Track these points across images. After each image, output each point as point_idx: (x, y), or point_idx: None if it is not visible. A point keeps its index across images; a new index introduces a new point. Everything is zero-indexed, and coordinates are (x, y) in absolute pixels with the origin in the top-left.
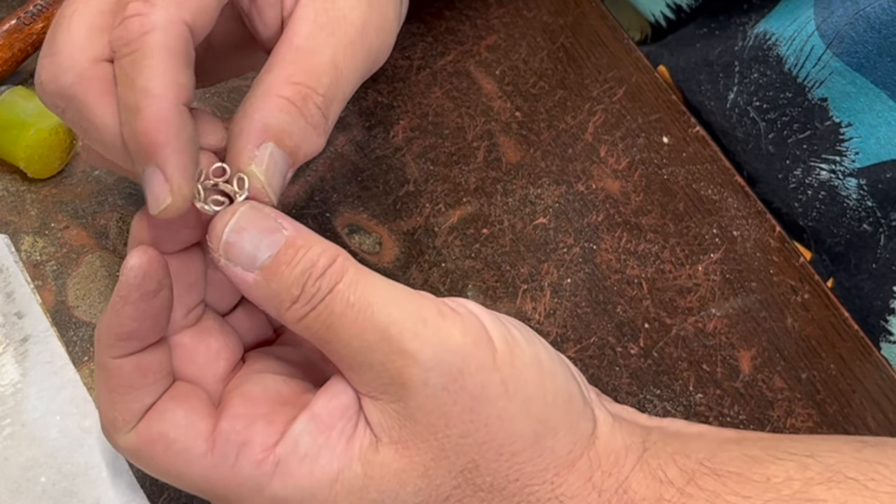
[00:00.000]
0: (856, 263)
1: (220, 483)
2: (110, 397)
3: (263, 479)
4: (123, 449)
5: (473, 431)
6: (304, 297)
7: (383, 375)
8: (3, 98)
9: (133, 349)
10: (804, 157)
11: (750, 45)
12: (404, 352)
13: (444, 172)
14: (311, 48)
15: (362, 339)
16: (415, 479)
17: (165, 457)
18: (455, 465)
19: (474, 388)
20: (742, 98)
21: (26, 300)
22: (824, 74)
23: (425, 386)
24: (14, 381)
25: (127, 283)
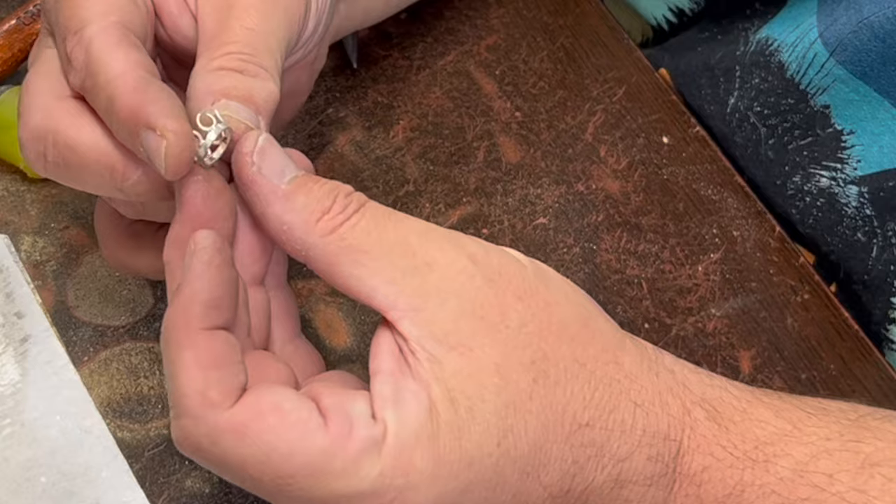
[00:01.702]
0: (847, 272)
1: (338, 454)
2: (204, 373)
3: (379, 439)
4: (222, 427)
5: (529, 320)
6: (336, 208)
7: (426, 278)
8: (3, 98)
9: (222, 321)
10: (804, 163)
11: (752, 51)
12: (448, 249)
13: (444, 172)
14: (220, 27)
15: (402, 244)
16: (490, 377)
17: (279, 430)
18: (524, 358)
19: (514, 279)
20: (742, 103)
21: (26, 300)
22: (827, 82)
23: (472, 279)
24: (14, 381)
25: (206, 248)
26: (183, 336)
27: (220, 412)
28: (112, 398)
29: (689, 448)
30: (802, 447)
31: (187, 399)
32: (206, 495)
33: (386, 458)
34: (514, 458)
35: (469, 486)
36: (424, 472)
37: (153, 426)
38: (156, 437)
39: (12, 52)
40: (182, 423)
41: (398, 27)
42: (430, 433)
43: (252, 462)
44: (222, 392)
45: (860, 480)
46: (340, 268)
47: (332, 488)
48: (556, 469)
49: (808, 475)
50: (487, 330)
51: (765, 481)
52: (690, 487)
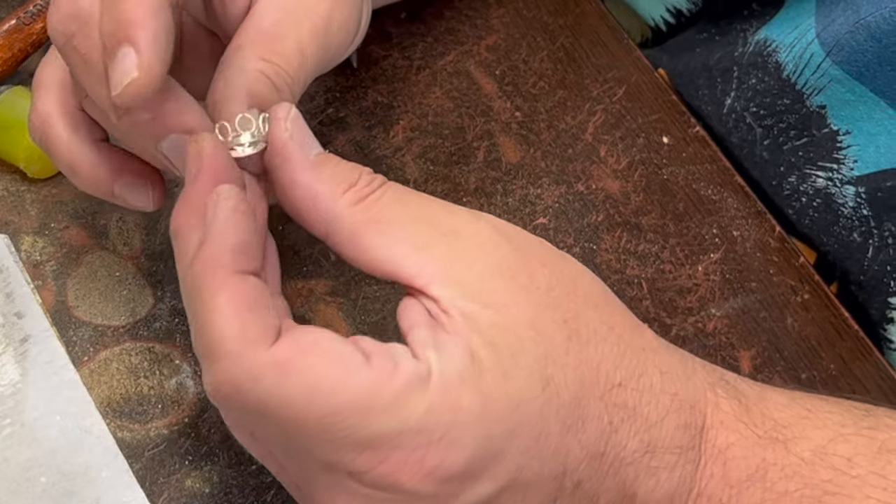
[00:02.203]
0: (843, 273)
1: (385, 389)
2: (241, 315)
3: (425, 376)
4: (263, 364)
5: (556, 285)
6: (361, 182)
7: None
8: (3, 98)
9: (251, 267)
10: (800, 164)
11: (750, 52)
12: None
13: (444, 172)
14: (278, 33)
15: (426, 215)
16: (526, 331)
17: (323, 366)
18: (556, 317)
19: (537, 249)
20: (739, 104)
21: (26, 300)
22: (823, 82)
23: (498, 245)
24: (14, 381)
25: (231, 196)
26: (214, 281)
27: (260, 350)
28: (112, 398)
29: (714, 423)
30: (819, 431)
31: (226, 341)
32: (206, 495)
33: (433, 394)
34: (556, 407)
35: (515, 430)
36: (472, 412)
37: (153, 426)
38: (156, 437)
39: (12, 52)
40: (219, 366)
41: (398, 27)
42: (473, 374)
43: (297, 400)
44: (261, 331)
45: (878, 465)
46: (365, 238)
47: (379, 426)
48: (593, 428)
49: (827, 457)
50: (518, 290)
51: (787, 462)
52: (716, 466)
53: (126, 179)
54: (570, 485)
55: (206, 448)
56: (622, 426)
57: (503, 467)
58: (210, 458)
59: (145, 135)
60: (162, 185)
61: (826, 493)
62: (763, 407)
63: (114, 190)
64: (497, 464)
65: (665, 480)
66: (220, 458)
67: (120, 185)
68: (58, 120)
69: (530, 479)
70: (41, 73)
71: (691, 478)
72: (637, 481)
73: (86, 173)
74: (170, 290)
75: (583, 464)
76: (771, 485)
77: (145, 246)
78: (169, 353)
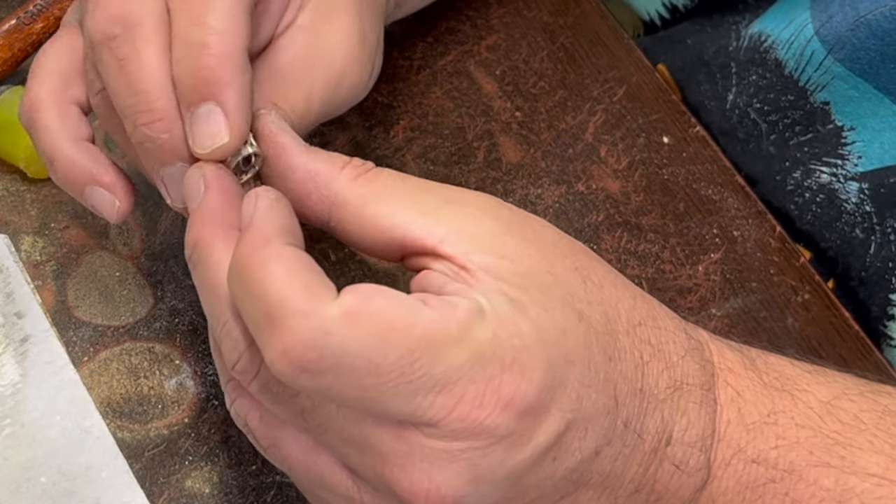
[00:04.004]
0: (844, 269)
1: (450, 321)
2: (301, 276)
3: (482, 311)
4: (333, 315)
5: (558, 240)
6: (356, 160)
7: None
8: (3, 98)
9: (300, 244)
10: (804, 159)
11: (745, 46)
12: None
13: (444, 172)
14: (291, 76)
15: (426, 187)
16: (545, 275)
17: (388, 311)
18: (567, 264)
19: (532, 217)
20: (742, 99)
21: (26, 300)
22: (826, 79)
23: (499, 209)
24: (14, 381)
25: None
26: (267, 253)
27: (326, 303)
28: (112, 398)
29: (722, 370)
30: (824, 387)
31: (288, 300)
32: (206, 495)
33: (493, 322)
34: (595, 336)
35: (569, 356)
36: (531, 335)
37: (153, 426)
38: (156, 437)
39: (12, 52)
40: (287, 327)
41: (398, 27)
42: (518, 308)
43: (371, 345)
44: (323, 288)
45: (885, 425)
46: (370, 207)
47: (453, 358)
48: (629, 361)
49: (835, 411)
50: (528, 243)
51: (796, 411)
52: (731, 411)
53: (97, 185)
54: (621, 423)
55: (206, 448)
56: (651, 362)
57: (567, 397)
58: (210, 458)
59: (154, 153)
60: (129, 201)
61: (837, 444)
62: (766, 360)
63: (84, 192)
64: (562, 393)
65: (695, 419)
66: (220, 458)
67: (90, 190)
68: (48, 108)
69: (589, 412)
70: (40, 59)
71: (713, 422)
72: (672, 420)
73: (62, 168)
74: (170, 290)
75: (628, 398)
76: (783, 431)
77: (145, 246)
78: (169, 353)
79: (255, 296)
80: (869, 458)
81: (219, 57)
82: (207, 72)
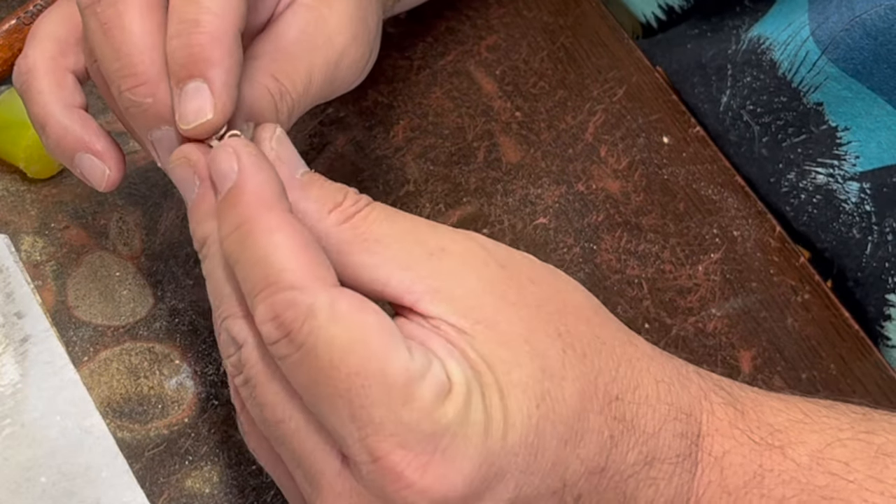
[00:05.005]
0: (840, 269)
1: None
2: (305, 253)
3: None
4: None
5: (546, 301)
6: (347, 202)
7: (441, 262)
8: (3, 98)
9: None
10: (798, 160)
11: (743, 49)
12: (458, 238)
13: (444, 172)
14: (293, 54)
15: (413, 233)
16: (521, 346)
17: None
18: (549, 330)
19: (524, 267)
20: (735, 102)
21: (26, 300)
22: (819, 80)
23: (486, 263)
24: (14, 381)
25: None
26: (272, 221)
27: (323, 287)
28: (112, 398)
29: (710, 430)
30: (816, 435)
31: (290, 274)
32: (206, 495)
33: (448, 405)
34: (553, 422)
35: (513, 447)
36: (478, 425)
37: (153, 426)
38: (156, 437)
39: (12, 52)
40: (283, 295)
41: (398, 27)
42: (476, 393)
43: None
44: (324, 270)
45: (876, 469)
46: (352, 256)
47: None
48: (593, 442)
49: (825, 462)
50: (509, 307)
51: (784, 468)
52: (713, 474)
53: (88, 152)
54: (571, 499)
55: (206, 448)
56: (622, 439)
57: (503, 486)
58: (210, 458)
59: (139, 118)
60: (119, 169)
61: (823, 499)
62: (759, 412)
63: (74, 159)
64: (498, 482)
65: (664, 489)
66: (220, 458)
67: (80, 157)
68: (43, 75)
69: (530, 495)
70: (39, 25)
71: (688, 486)
72: (637, 492)
73: (53, 134)
74: (170, 290)
75: (582, 479)
76: (768, 491)
77: (145, 246)
78: (169, 353)
79: (255, 261)
80: None
81: (210, 35)
82: (198, 49)
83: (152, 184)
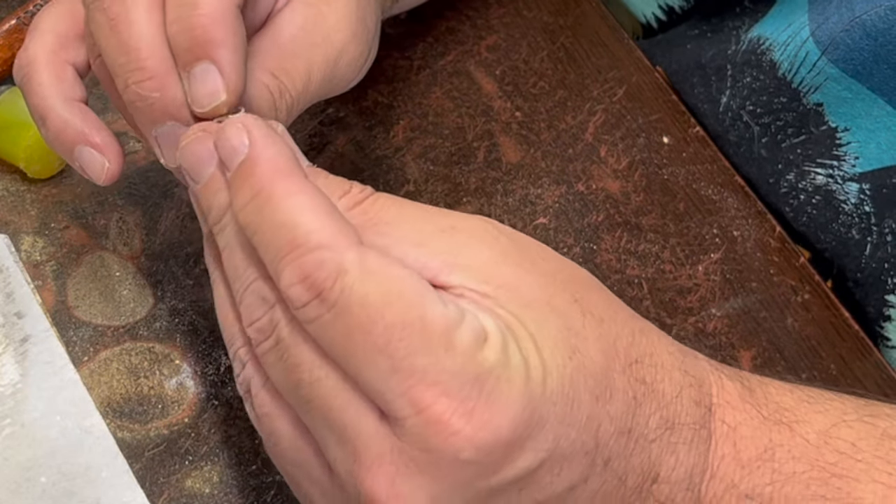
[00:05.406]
0: (840, 270)
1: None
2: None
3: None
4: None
5: (558, 271)
6: (355, 189)
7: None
8: (3, 98)
9: None
10: (798, 161)
11: (743, 50)
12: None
13: (444, 172)
14: (292, 51)
15: (422, 214)
16: (544, 307)
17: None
18: (566, 296)
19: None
20: (735, 102)
21: (26, 300)
22: (819, 80)
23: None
24: (14, 381)
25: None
26: (291, 185)
27: (351, 245)
28: (112, 398)
29: (720, 402)
30: (822, 416)
31: (316, 234)
32: (206, 495)
33: (487, 348)
34: (585, 376)
35: (551, 395)
36: (518, 369)
37: (153, 426)
38: (156, 437)
39: (12, 52)
40: (313, 255)
41: (398, 27)
42: (511, 340)
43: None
44: (349, 230)
45: (882, 451)
46: (365, 239)
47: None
48: (620, 401)
49: (832, 441)
50: (526, 274)
51: (793, 443)
52: (726, 446)
53: (88, 144)
54: (601, 461)
55: (206, 448)
56: (644, 401)
57: (543, 436)
58: (210, 458)
59: (146, 112)
60: (118, 162)
61: (833, 476)
62: (765, 391)
63: (73, 151)
64: (538, 431)
65: (684, 457)
66: (220, 458)
67: (80, 149)
68: (43, 68)
69: (566, 451)
70: (40, 18)
71: (704, 458)
72: (660, 459)
73: (53, 128)
74: (170, 290)
75: (612, 439)
76: (779, 465)
77: (145, 246)
78: (169, 353)
79: (278, 225)
80: (865, 487)
81: (211, 16)
82: (200, 31)
83: (152, 184)
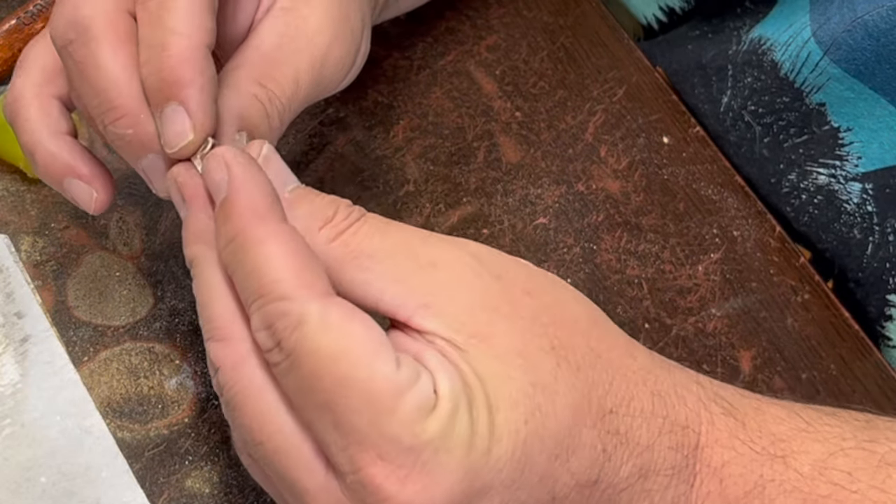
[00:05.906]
0: (841, 270)
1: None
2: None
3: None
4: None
5: (541, 313)
6: (338, 217)
7: (433, 276)
8: (2, 98)
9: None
10: (800, 161)
11: (744, 50)
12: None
13: (444, 172)
14: (277, 58)
15: (405, 247)
16: (514, 359)
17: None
18: (543, 344)
19: (520, 277)
20: (736, 102)
21: (26, 300)
22: (822, 80)
23: (478, 275)
24: (14, 381)
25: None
26: (265, 230)
27: (315, 296)
28: (112, 398)
29: (709, 441)
30: (819, 444)
31: (280, 285)
32: (206, 495)
33: (433, 419)
34: (542, 438)
35: (497, 463)
36: (462, 438)
37: (153, 426)
38: (156, 437)
39: (12, 52)
40: (274, 306)
41: (398, 27)
42: (464, 407)
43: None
44: (317, 278)
45: (878, 479)
46: (345, 274)
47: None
48: (586, 456)
49: (827, 472)
50: (502, 320)
51: (785, 477)
52: (712, 484)
53: (75, 177)
54: None
55: (206, 448)
56: (616, 452)
57: (488, 501)
58: (210, 458)
59: (126, 149)
60: (107, 192)
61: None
62: (760, 421)
63: (63, 183)
64: (482, 498)
65: (659, 501)
66: (220, 458)
67: (68, 181)
68: (30, 103)
69: None
70: (26, 54)
71: (686, 497)
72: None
73: (42, 161)
74: (170, 290)
75: (573, 492)
76: (769, 501)
77: (145, 246)
78: (169, 353)
79: (249, 272)
80: None
81: (178, 58)
82: (168, 72)
83: None
